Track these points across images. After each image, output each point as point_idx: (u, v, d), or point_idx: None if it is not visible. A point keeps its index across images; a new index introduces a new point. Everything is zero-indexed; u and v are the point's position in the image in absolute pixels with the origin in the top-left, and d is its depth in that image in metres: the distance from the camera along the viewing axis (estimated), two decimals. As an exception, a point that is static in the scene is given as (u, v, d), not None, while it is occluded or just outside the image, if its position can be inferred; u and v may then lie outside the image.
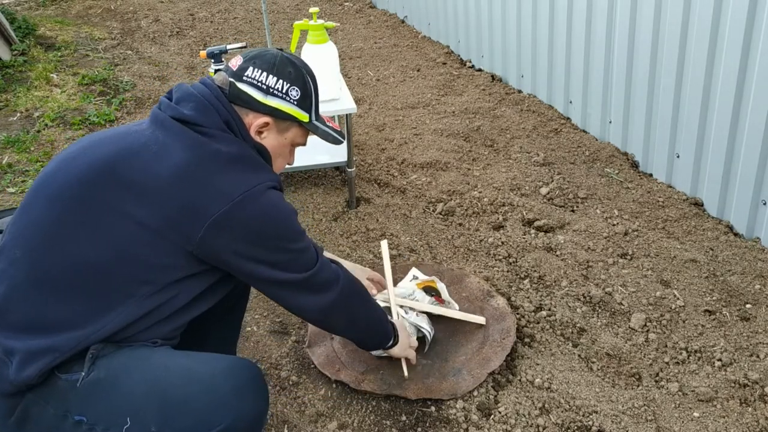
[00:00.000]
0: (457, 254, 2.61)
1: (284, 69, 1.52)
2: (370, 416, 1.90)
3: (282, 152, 1.59)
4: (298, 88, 1.53)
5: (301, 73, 1.55)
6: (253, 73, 1.49)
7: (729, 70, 2.51)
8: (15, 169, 3.45)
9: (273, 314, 2.33)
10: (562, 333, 2.18)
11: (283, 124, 1.55)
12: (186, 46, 5.27)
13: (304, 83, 1.54)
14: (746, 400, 1.91)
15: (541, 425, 1.83)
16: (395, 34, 5.29)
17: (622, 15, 3.01)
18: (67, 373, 1.32)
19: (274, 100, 1.51)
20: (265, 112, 1.51)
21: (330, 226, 2.82)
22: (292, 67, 1.53)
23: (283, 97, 1.51)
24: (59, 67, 4.84)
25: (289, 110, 1.53)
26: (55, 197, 1.38)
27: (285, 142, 1.58)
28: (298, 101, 1.54)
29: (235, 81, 1.49)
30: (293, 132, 1.59)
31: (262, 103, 1.50)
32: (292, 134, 1.59)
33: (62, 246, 1.34)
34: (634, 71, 3.04)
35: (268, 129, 1.53)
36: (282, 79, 1.51)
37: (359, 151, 3.43)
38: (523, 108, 3.78)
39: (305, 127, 1.59)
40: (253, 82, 1.49)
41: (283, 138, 1.57)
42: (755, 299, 2.29)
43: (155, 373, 1.34)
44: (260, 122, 1.51)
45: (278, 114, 1.52)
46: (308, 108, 1.57)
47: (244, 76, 1.49)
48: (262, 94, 1.50)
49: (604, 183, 3.02)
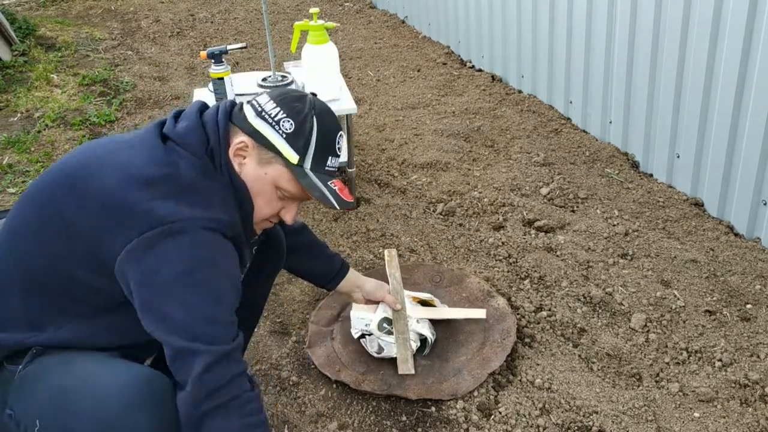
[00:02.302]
0: (458, 254, 2.61)
1: (291, 102, 1.40)
2: (370, 416, 1.90)
3: (262, 190, 1.41)
4: (294, 122, 1.38)
5: (308, 112, 1.40)
6: (261, 98, 1.43)
7: (729, 71, 2.51)
8: (15, 169, 3.45)
9: (273, 314, 2.33)
10: (563, 333, 2.18)
11: (265, 155, 1.39)
12: (186, 47, 5.27)
13: (303, 120, 1.39)
14: (747, 401, 1.91)
15: (541, 425, 1.83)
16: (395, 35, 5.29)
17: (622, 15, 3.01)
18: (13, 365, 1.34)
19: (262, 123, 1.38)
20: (248, 132, 1.39)
21: (330, 227, 2.82)
22: (304, 104, 1.41)
23: (272, 125, 1.38)
24: (59, 68, 4.84)
25: (273, 140, 1.38)
26: (28, 198, 1.38)
27: (265, 178, 1.40)
28: (288, 136, 1.38)
29: (246, 103, 1.44)
30: (275, 169, 1.40)
31: (248, 122, 1.39)
32: (275, 171, 1.40)
33: (16, 248, 1.34)
34: (634, 71, 3.04)
35: (246, 153, 1.39)
36: (280, 108, 1.39)
37: (359, 152, 3.43)
38: (523, 108, 3.78)
39: (289, 168, 1.40)
40: (254, 105, 1.41)
41: (262, 171, 1.39)
42: (756, 299, 2.29)
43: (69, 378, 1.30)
44: (237, 140, 1.38)
45: (258, 138, 1.38)
46: (300, 150, 1.39)
47: (254, 99, 1.44)
48: (254, 114, 1.40)
49: (604, 183, 3.02)
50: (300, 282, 2.48)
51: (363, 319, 2.05)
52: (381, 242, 2.70)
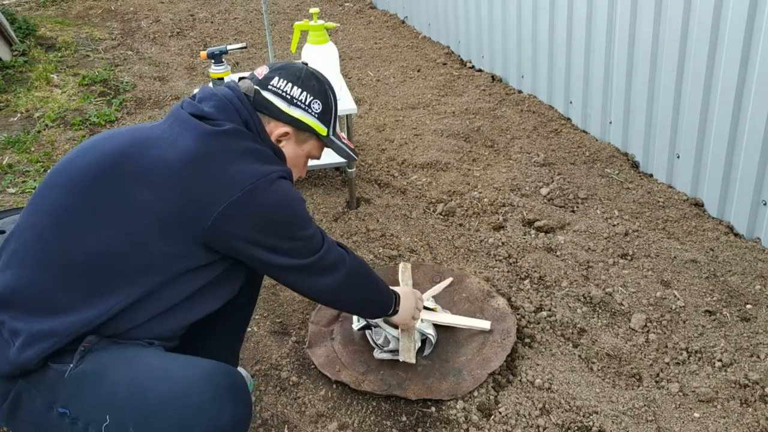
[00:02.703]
0: (458, 255, 2.61)
1: (309, 82, 1.57)
2: (370, 417, 1.90)
3: (297, 163, 1.63)
4: (321, 101, 1.58)
5: (324, 87, 1.60)
6: (278, 83, 1.54)
7: (729, 71, 2.51)
8: (15, 169, 3.45)
9: (273, 315, 2.33)
10: (563, 333, 2.18)
11: (302, 136, 1.59)
12: (186, 47, 5.27)
13: (326, 97, 1.59)
14: (747, 401, 1.91)
15: (541, 426, 1.83)
16: (395, 35, 5.29)
17: (622, 15, 3.01)
18: (59, 364, 1.33)
19: (297, 110, 1.55)
20: (286, 121, 1.55)
21: (330, 227, 2.82)
22: (316, 81, 1.59)
23: (306, 109, 1.56)
24: (59, 68, 4.84)
25: (309, 122, 1.57)
26: (68, 185, 1.40)
27: (301, 153, 1.62)
28: (319, 114, 1.58)
29: (261, 89, 1.54)
30: (310, 144, 1.62)
31: (284, 112, 1.54)
32: (309, 146, 1.63)
33: (72, 233, 1.36)
34: (634, 72, 3.04)
35: (287, 139, 1.57)
36: (306, 91, 1.55)
37: (359, 152, 3.43)
38: (523, 108, 3.78)
39: (323, 140, 1.63)
40: (277, 92, 1.54)
41: (300, 149, 1.61)
42: (756, 300, 2.29)
43: (137, 373, 1.33)
44: (281, 131, 1.55)
45: (299, 125, 1.56)
46: (328, 122, 1.61)
47: (269, 84, 1.54)
48: (286, 103, 1.54)
49: (604, 183, 3.02)
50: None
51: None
52: (381, 242, 2.70)
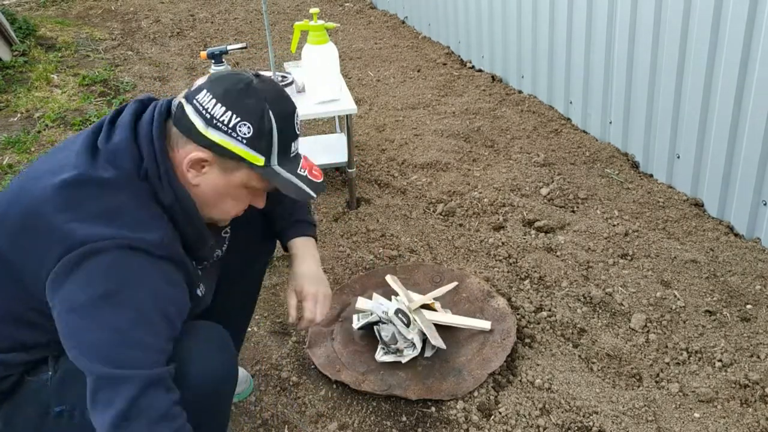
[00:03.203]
0: (458, 255, 2.61)
1: (242, 99, 1.27)
2: (370, 417, 1.90)
3: (231, 193, 1.35)
4: (251, 124, 1.27)
5: (261, 107, 1.28)
6: (203, 98, 1.27)
7: (729, 71, 2.51)
8: (15, 169, 3.45)
9: (273, 315, 2.33)
10: (563, 333, 2.18)
11: (228, 164, 1.30)
12: (186, 47, 5.27)
13: (261, 120, 1.28)
14: (747, 401, 1.91)
15: (541, 426, 1.83)
16: (395, 35, 5.29)
17: (622, 15, 3.01)
18: (36, 376, 1.36)
19: (216, 134, 1.27)
20: (204, 145, 1.27)
21: (330, 227, 2.82)
22: (254, 98, 1.28)
23: (228, 133, 1.26)
24: (60, 68, 4.84)
25: (234, 149, 1.27)
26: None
27: (232, 183, 1.33)
28: (248, 140, 1.27)
29: (186, 102, 1.29)
30: (243, 174, 1.32)
31: (201, 134, 1.27)
32: (243, 176, 1.32)
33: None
34: (634, 72, 3.04)
35: (208, 165, 1.30)
36: (231, 110, 1.26)
37: (359, 152, 3.43)
38: (523, 108, 3.78)
39: (257, 172, 1.31)
40: (198, 108, 1.27)
41: (228, 178, 1.32)
42: (756, 300, 2.29)
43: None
44: (195, 157, 1.28)
45: (219, 150, 1.28)
46: (265, 150, 1.30)
47: (194, 98, 1.28)
48: (204, 124, 1.27)
49: (604, 183, 3.02)
50: (300, 282, 2.48)
51: (382, 305, 2.08)
52: (381, 242, 2.70)
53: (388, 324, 2.04)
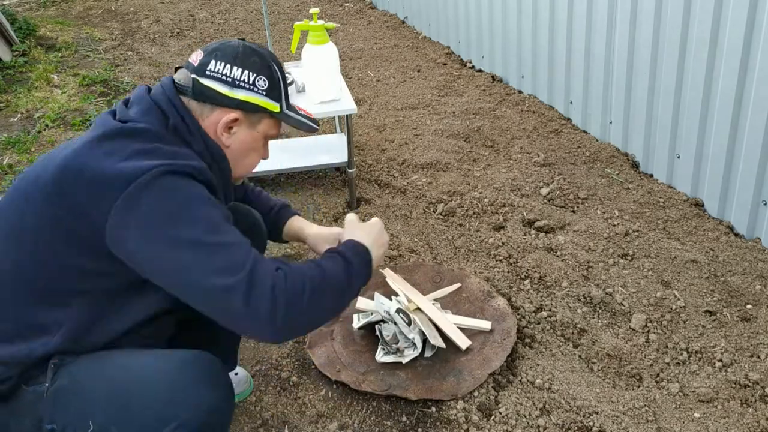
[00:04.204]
0: (458, 255, 2.61)
1: (248, 59, 1.43)
2: (370, 417, 1.90)
3: (255, 146, 1.51)
4: (265, 77, 1.44)
5: (266, 62, 1.46)
6: (216, 67, 1.41)
7: (729, 71, 2.51)
8: (15, 170, 3.45)
9: (273, 315, 2.33)
10: (563, 333, 2.18)
11: (254, 117, 1.46)
12: (186, 47, 5.27)
13: (270, 72, 1.46)
14: (747, 401, 1.91)
15: (541, 426, 1.83)
16: (395, 35, 5.29)
17: (622, 15, 3.01)
18: (34, 385, 1.33)
19: (241, 92, 1.42)
20: (232, 106, 1.42)
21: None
22: (257, 56, 1.45)
23: (251, 89, 1.43)
24: (60, 68, 4.84)
25: (258, 102, 1.44)
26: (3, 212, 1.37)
27: (257, 136, 1.50)
28: (266, 91, 1.45)
29: (198, 77, 1.41)
30: (265, 124, 1.50)
31: (228, 96, 1.41)
32: (264, 126, 1.50)
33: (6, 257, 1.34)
34: (634, 72, 3.04)
35: (238, 124, 1.44)
36: (247, 69, 1.42)
37: (360, 152, 3.43)
38: (523, 108, 3.78)
39: (277, 117, 1.50)
40: (216, 76, 1.41)
41: (255, 132, 1.48)
42: (756, 300, 2.29)
43: (113, 374, 1.31)
44: (229, 117, 1.42)
45: (247, 107, 1.43)
46: (278, 97, 1.48)
47: (206, 70, 1.41)
48: (228, 87, 1.41)
49: (604, 183, 3.02)
50: (300, 282, 2.48)
51: (384, 304, 2.08)
52: (381, 242, 2.69)
53: (390, 323, 2.04)
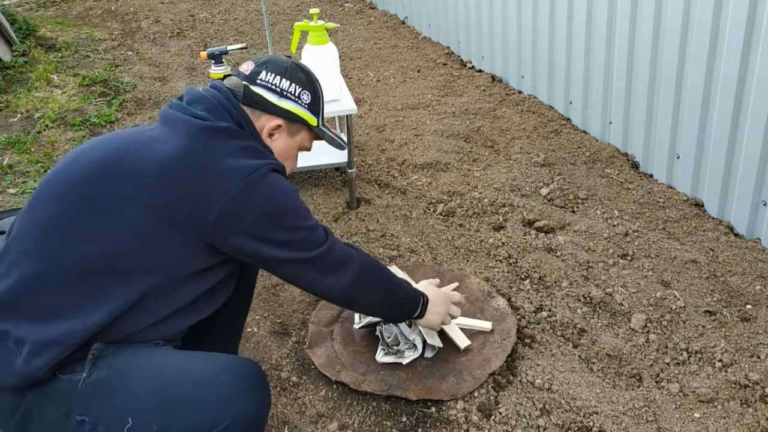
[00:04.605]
0: (458, 255, 2.61)
1: (296, 74, 1.60)
2: (370, 417, 1.90)
3: (290, 155, 1.65)
4: (309, 92, 1.61)
5: (311, 78, 1.63)
6: (267, 77, 1.57)
7: (729, 71, 2.51)
8: (15, 170, 3.45)
9: (273, 315, 2.33)
10: (563, 334, 2.18)
11: (294, 127, 1.62)
12: (186, 47, 5.27)
13: (314, 88, 1.63)
14: (747, 401, 1.91)
15: (541, 426, 1.83)
16: (395, 35, 5.29)
17: (622, 15, 3.01)
18: (70, 374, 1.33)
19: (288, 102, 1.58)
20: (278, 114, 1.57)
21: (330, 227, 2.82)
22: (303, 72, 1.62)
23: (296, 100, 1.59)
24: (60, 68, 4.84)
25: (300, 113, 1.60)
26: (61, 194, 1.40)
27: (294, 145, 1.64)
28: (309, 105, 1.62)
29: (249, 84, 1.56)
30: (302, 135, 1.65)
31: (276, 105, 1.57)
32: (301, 137, 1.65)
33: (69, 241, 1.36)
34: (634, 72, 3.04)
35: (279, 131, 1.59)
36: (295, 83, 1.58)
37: (359, 152, 3.43)
38: (523, 109, 3.78)
39: (314, 130, 1.66)
40: (267, 85, 1.56)
41: (292, 141, 1.63)
42: (756, 300, 2.28)
43: (157, 373, 1.34)
44: (273, 124, 1.57)
45: (290, 116, 1.59)
46: (317, 112, 1.65)
47: (257, 79, 1.56)
48: (276, 96, 1.57)
49: (604, 184, 3.02)
50: (300, 282, 2.48)
51: None
52: (381, 242, 2.70)
53: (390, 325, 2.04)
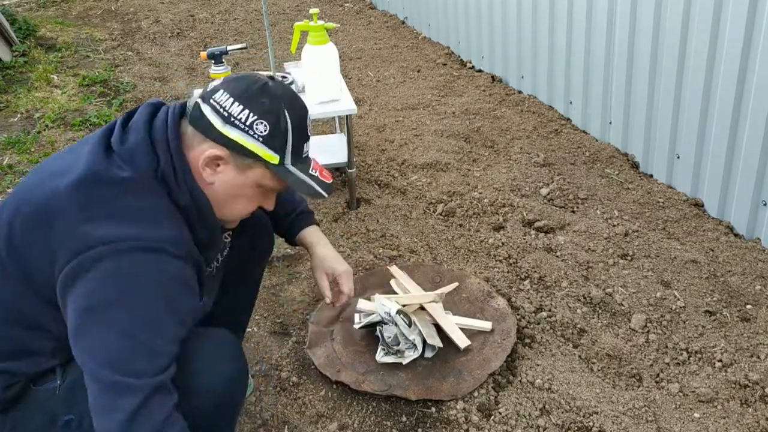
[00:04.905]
0: (458, 255, 2.61)
1: (257, 98, 1.30)
2: (370, 417, 1.90)
3: (244, 192, 1.37)
4: (267, 123, 1.30)
5: (277, 106, 1.32)
6: (220, 97, 1.30)
7: (729, 71, 2.51)
8: (15, 170, 3.45)
9: (273, 315, 2.33)
10: (563, 334, 2.18)
11: (244, 162, 1.32)
12: (186, 47, 5.27)
13: (276, 119, 1.31)
14: (747, 401, 1.91)
15: (541, 426, 1.83)
16: (395, 35, 5.29)
17: (622, 15, 3.01)
18: (44, 384, 1.34)
19: (234, 131, 1.29)
20: (221, 143, 1.29)
21: (330, 227, 2.82)
22: (269, 98, 1.31)
23: (245, 130, 1.29)
24: (60, 68, 4.84)
25: (250, 146, 1.30)
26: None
27: (246, 182, 1.35)
28: (264, 138, 1.30)
29: (202, 102, 1.31)
30: (257, 173, 1.34)
31: (218, 131, 1.29)
32: (256, 175, 1.34)
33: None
34: (634, 72, 3.04)
35: (223, 163, 1.31)
36: (248, 109, 1.29)
37: (359, 152, 3.43)
38: (523, 109, 3.79)
39: (271, 170, 1.34)
40: (215, 107, 1.29)
41: (243, 177, 1.34)
42: (756, 300, 2.28)
43: None
44: (211, 153, 1.29)
45: (236, 148, 1.30)
46: (279, 148, 1.33)
47: (211, 97, 1.31)
48: (221, 121, 1.29)
49: (604, 184, 3.02)
50: (300, 282, 2.48)
51: (384, 306, 2.08)
52: (381, 243, 2.70)
53: (390, 325, 2.04)
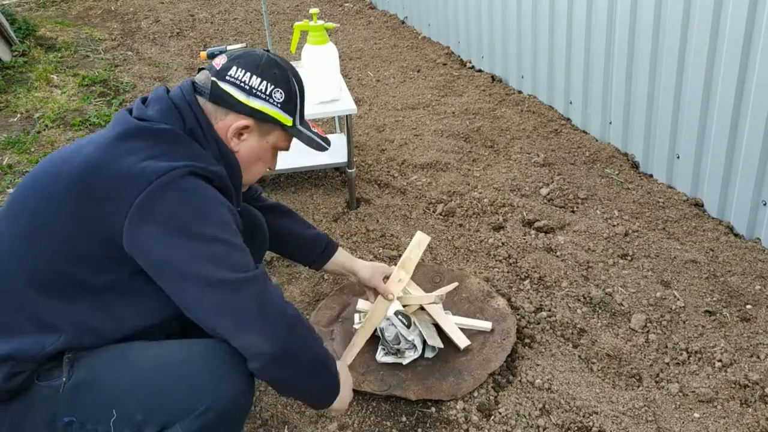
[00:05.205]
0: (458, 255, 2.61)
1: (269, 70, 1.47)
2: (370, 417, 1.90)
3: (263, 156, 1.55)
4: (282, 90, 1.49)
5: (286, 75, 1.50)
6: (236, 73, 1.45)
7: (729, 70, 2.51)
8: (15, 170, 3.45)
9: (273, 315, 2.33)
10: (563, 334, 2.18)
11: (265, 127, 1.50)
12: (186, 47, 5.27)
13: (288, 86, 1.50)
14: (747, 401, 1.91)
15: (541, 426, 1.83)
16: (395, 35, 5.29)
17: (622, 15, 3.01)
18: (49, 380, 1.34)
19: (257, 101, 1.46)
20: (246, 113, 1.46)
21: (330, 227, 2.82)
22: (278, 68, 1.49)
23: (267, 99, 1.47)
24: (59, 68, 4.84)
25: (271, 113, 1.48)
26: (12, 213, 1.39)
27: (266, 146, 1.53)
28: (281, 104, 1.49)
29: (218, 80, 1.45)
30: (275, 135, 1.53)
31: (243, 104, 1.45)
32: (274, 138, 1.54)
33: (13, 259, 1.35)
34: (634, 72, 3.04)
35: (248, 131, 1.48)
36: (266, 80, 1.46)
37: (359, 152, 3.43)
38: (523, 109, 3.78)
39: (288, 131, 1.54)
40: (235, 82, 1.45)
41: (264, 141, 1.52)
42: (755, 300, 2.29)
43: (137, 363, 1.35)
44: (240, 124, 1.46)
45: (260, 116, 1.47)
46: (292, 111, 1.52)
47: (227, 75, 1.45)
48: (245, 94, 1.45)
49: (604, 184, 3.02)
50: (300, 282, 2.48)
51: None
52: (381, 242, 2.70)
53: (391, 325, 2.04)
